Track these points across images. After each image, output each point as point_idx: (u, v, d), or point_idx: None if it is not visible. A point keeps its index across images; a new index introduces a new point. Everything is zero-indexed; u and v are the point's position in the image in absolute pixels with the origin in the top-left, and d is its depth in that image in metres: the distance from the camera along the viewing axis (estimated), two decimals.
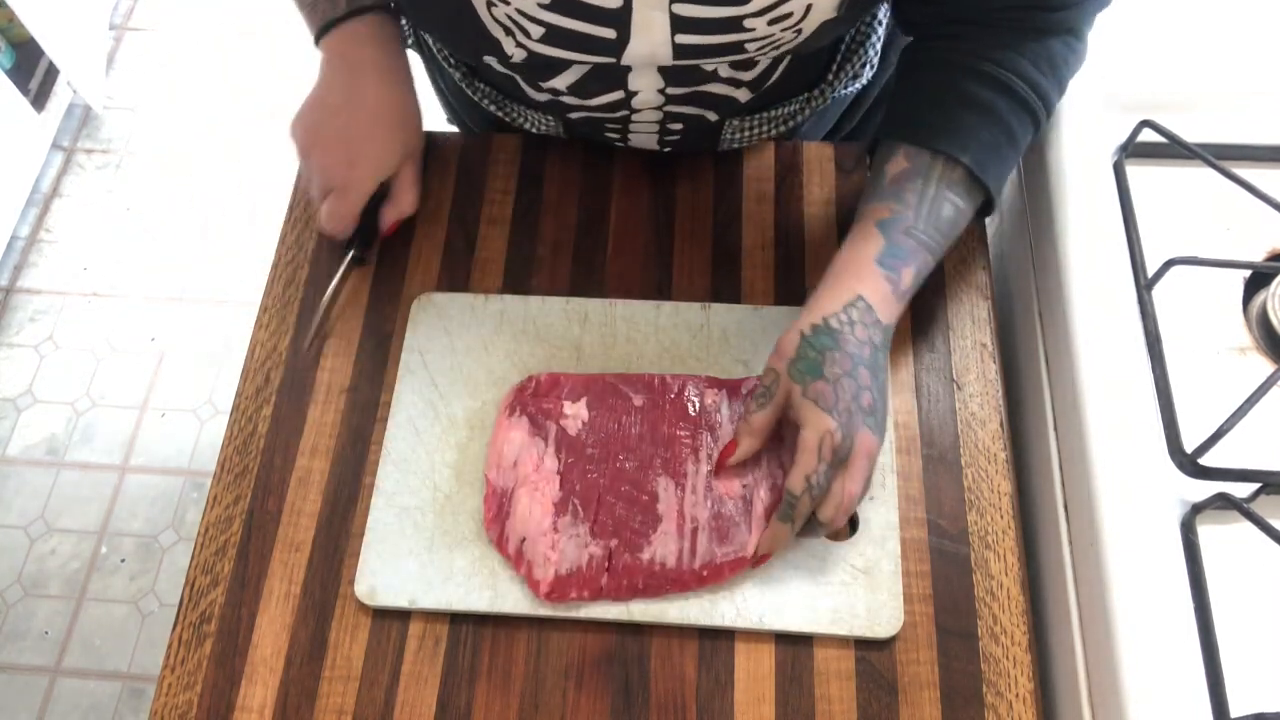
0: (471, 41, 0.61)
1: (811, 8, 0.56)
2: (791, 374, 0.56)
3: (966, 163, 0.58)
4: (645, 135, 0.71)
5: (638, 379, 0.64)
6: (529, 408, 0.63)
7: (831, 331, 0.55)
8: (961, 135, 0.58)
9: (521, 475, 0.61)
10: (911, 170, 0.59)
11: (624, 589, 0.58)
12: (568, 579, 0.58)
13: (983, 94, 0.58)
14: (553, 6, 0.55)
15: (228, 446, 0.66)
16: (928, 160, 0.59)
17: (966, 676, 0.57)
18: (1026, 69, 0.58)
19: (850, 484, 0.54)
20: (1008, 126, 0.59)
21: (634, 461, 0.61)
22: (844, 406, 0.54)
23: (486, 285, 0.71)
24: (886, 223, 0.58)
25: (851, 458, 0.54)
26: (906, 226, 0.58)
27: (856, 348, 0.55)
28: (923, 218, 0.58)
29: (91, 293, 1.74)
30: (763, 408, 0.57)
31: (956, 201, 0.59)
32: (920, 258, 0.58)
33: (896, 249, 0.57)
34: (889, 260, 0.57)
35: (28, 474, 1.58)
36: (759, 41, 0.58)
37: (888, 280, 0.57)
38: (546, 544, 0.59)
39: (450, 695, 0.58)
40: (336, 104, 0.66)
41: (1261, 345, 0.60)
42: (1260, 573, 0.54)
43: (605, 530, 0.59)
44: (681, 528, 0.59)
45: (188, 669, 0.59)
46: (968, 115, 0.59)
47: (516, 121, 0.77)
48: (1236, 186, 0.61)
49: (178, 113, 1.92)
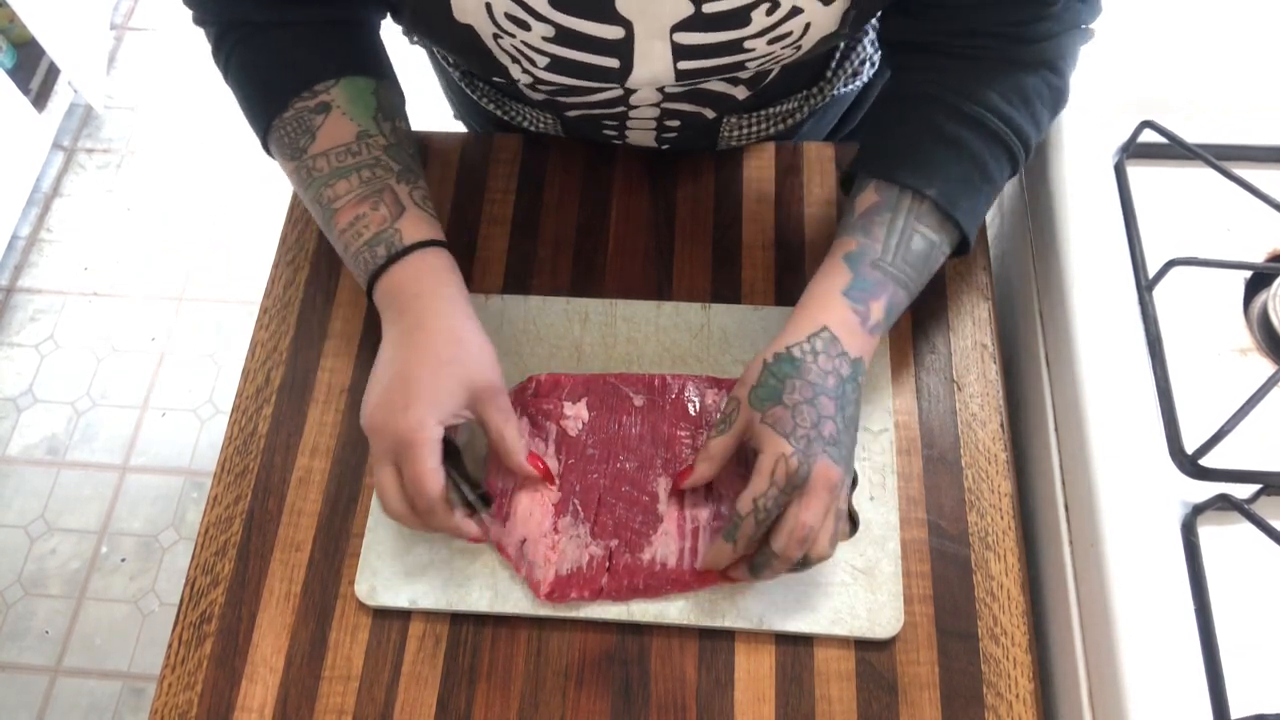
0: (479, 65, 0.62)
1: (811, 25, 0.56)
2: (751, 400, 0.55)
3: (933, 196, 0.57)
4: (643, 132, 0.71)
5: (638, 379, 0.64)
6: (529, 408, 0.63)
7: (793, 360, 0.55)
8: (928, 169, 0.58)
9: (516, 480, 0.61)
10: (880, 204, 0.58)
11: (624, 589, 0.58)
12: (568, 579, 0.58)
13: (954, 129, 0.58)
14: (557, 39, 0.56)
15: (228, 446, 0.66)
16: (896, 194, 0.58)
17: (966, 677, 0.57)
18: (1000, 105, 0.57)
19: (805, 513, 0.52)
20: (980, 162, 0.58)
21: (634, 462, 0.61)
22: (801, 433, 0.53)
23: (487, 285, 0.71)
24: (853, 255, 0.58)
25: (808, 486, 0.52)
26: (874, 260, 0.57)
27: (819, 377, 0.54)
28: (891, 250, 0.57)
29: (92, 292, 1.74)
30: (722, 434, 0.56)
31: (928, 235, 0.58)
32: (889, 291, 0.57)
33: (864, 282, 0.57)
34: (856, 293, 0.57)
35: (28, 474, 1.58)
36: (759, 59, 0.59)
37: (854, 312, 0.56)
38: (547, 544, 0.59)
39: (450, 695, 0.58)
40: (387, 360, 0.57)
41: (1262, 346, 0.60)
42: (1260, 573, 0.54)
43: (606, 530, 0.59)
44: (682, 528, 0.59)
45: (188, 669, 0.59)
46: (937, 150, 0.58)
47: (515, 120, 0.77)
48: (1237, 187, 0.61)
49: (178, 113, 1.92)
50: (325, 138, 0.60)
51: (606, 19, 0.54)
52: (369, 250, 0.59)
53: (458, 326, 0.57)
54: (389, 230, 0.59)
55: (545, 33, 0.55)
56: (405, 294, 0.58)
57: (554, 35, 0.55)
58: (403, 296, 0.58)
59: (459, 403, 0.55)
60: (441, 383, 0.55)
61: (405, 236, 0.59)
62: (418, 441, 0.53)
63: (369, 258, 0.59)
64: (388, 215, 0.60)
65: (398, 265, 0.59)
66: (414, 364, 0.56)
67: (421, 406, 0.54)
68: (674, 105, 0.66)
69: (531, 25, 0.55)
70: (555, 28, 0.55)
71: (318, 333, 0.70)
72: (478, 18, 0.56)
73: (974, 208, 0.59)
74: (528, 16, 0.54)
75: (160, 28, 2.03)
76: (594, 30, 0.55)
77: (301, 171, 0.61)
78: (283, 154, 0.62)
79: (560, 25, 0.55)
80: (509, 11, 0.54)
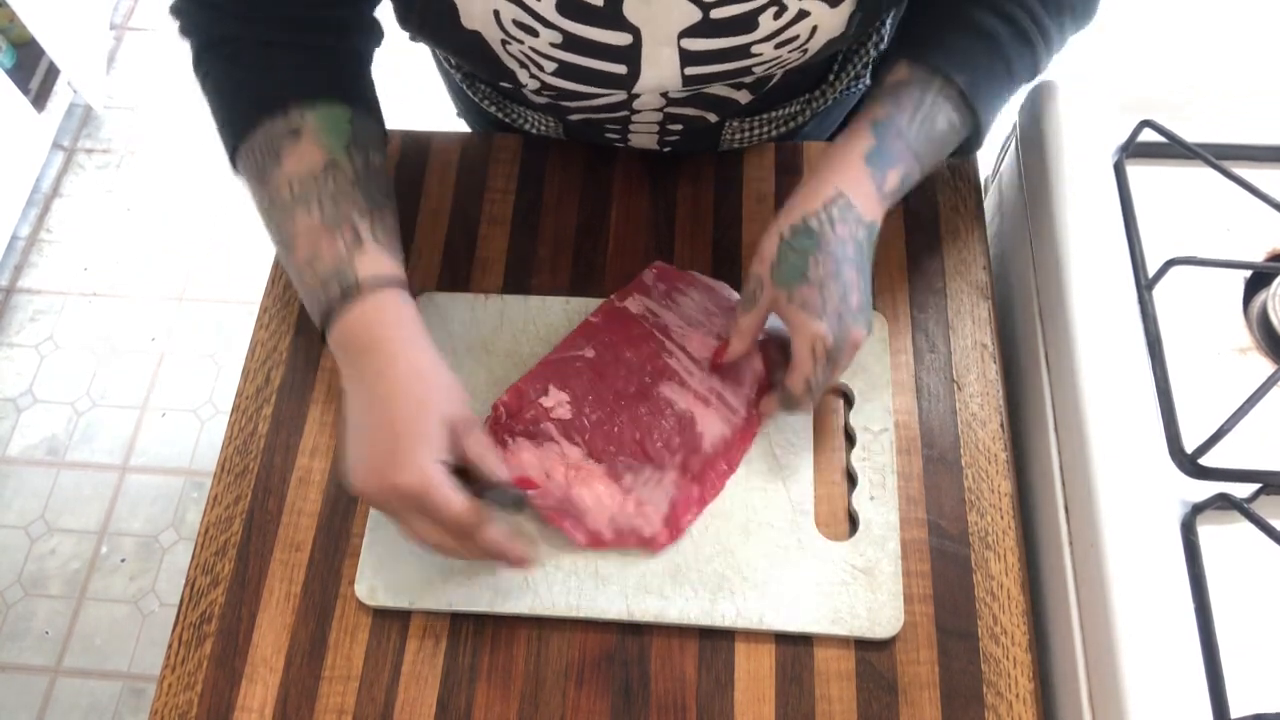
0: (486, 70, 0.62)
1: (818, 29, 0.56)
2: (776, 279, 0.56)
3: (961, 84, 0.58)
4: (645, 136, 0.71)
5: (569, 342, 0.66)
6: (514, 430, 0.63)
7: (811, 232, 0.55)
8: (960, 57, 0.58)
9: (563, 481, 0.61)
10: (910, 81, 0.59)
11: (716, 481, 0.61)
12: (674, 512, 0.60)
13: (990, 22, 0.58)
14: (565, 45, 0.56)
15: (228, 446, 0.66)
16: (926, 75, 0.58)
17: (967, 677, 0.57)
18: (1038, 10, 0.58)
19: (834, 371, 0.57)
20: (1006, 57, 0.59)
21: (633, 390, 0.63)
22: (832, 309, 0.54)
23: (487, 285, 0.71)
24: (881, 122, 0.58)
25: (841, 351, 0.56)
26: (900, 129, 0.58)
27: (839, 246, 0.55)
28: (916, 123, 0.58)
29: (92, 293, 1.74)
30: (748, 312, 0.58)
31: (951, 117, 0.59)
32: (907, 163, 0.58)
33: (886, 149, 0.57)
34: (877, 159, 0.57)
35: (28, 474, 1.58)
36: (766, 64, 0.59)
37: (871, 179, 0.57)
38: (632, 512, 0.60)
39: (450, 695, 0.58)
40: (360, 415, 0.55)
41: (1262, 345, 0.60)
42: (1260, 573, 0.54)
43: (661, 454, 0.61)
44: (709, 404, 0.62)
45: (188, 669, 0.59)
46: (971, 40, 0.58)
47: (516, 122, 0.77)
48: (1236, 186, 0.61)
49: (178, 113, 1.92)
50: (292, 163, 0.57)
51: (614, 25, 0.54)
52: (323, 290, 0.56)
53: (422, 365, 0.55)
54: (344, 268, 0.56)
55: (553, 39, 0.55)
56: (361, 339, 0.55)
57: (562, 41, 0.55)
58: (359, 341, 0.55)
59: (444, 440, 0.53)
60: (424, 425, 0.53)
61: (360, 274, 0.56)
62: (431, 486, 0.51)
63: (323, 297, 0.56)
64: (344, 253, 0.56)
65: (353, 307, 0.55)
66: (390, 413, 0.53)
67: (418, 454, 0.52)
68: (677, 109, 0.66)
69: (540, 32, 0.55)
70: (563, 34, 0.55)
71: (318, 333, 0.69)
72: (486, 25, 0.56)
73: (994, 102, 0.60)
74: (536, 23, 0.54)
75: (160, 28, 2.03)
76: (602, 37, 0.55)
77: (263, 196, 0.59)
78: (248, 175, 0.60)
79: (568, 32, 0.54)
80: (517, 18, 0.54)
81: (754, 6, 0.53)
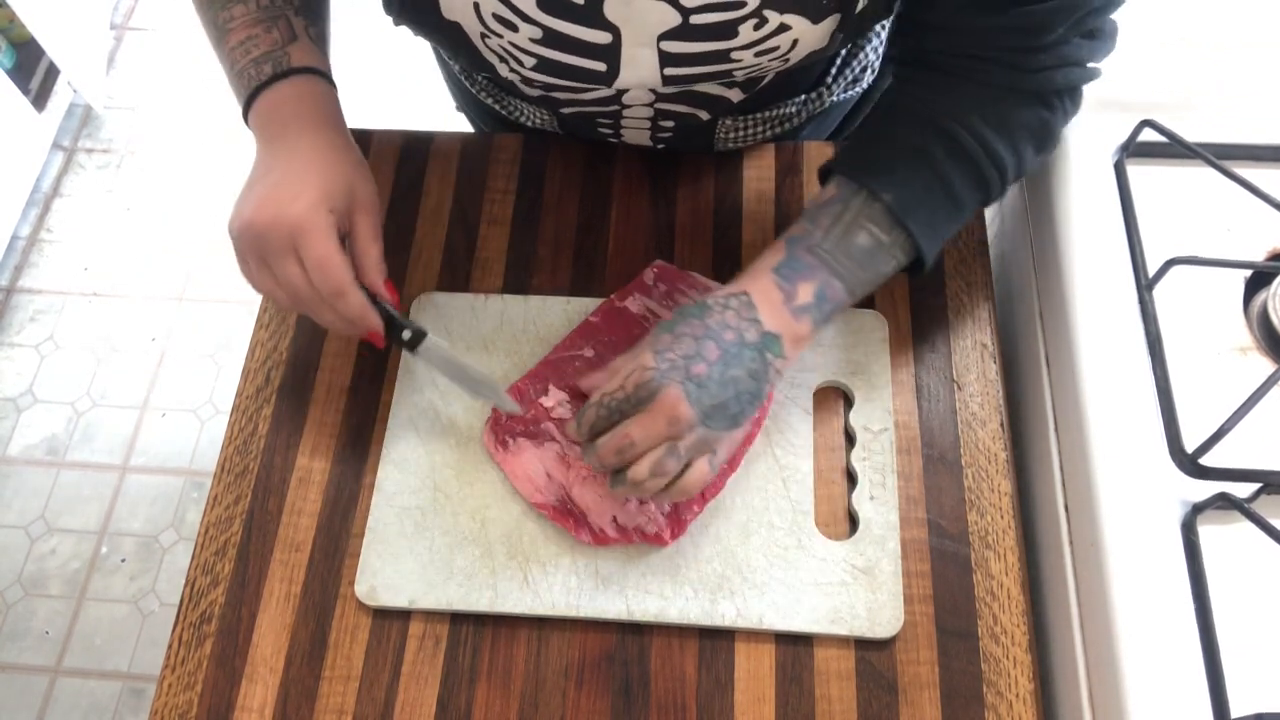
0: (468, 61, 0.62)
1: (799, 42, 0.56)
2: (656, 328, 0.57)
3: (888, 200, 0.56)
4: (637, 131, 0.71)
5: (569, 342, 0.66)
6: (516, 431, 0.63)
7: (704, 306, 0.56)
8: (890, 174, 0.57)
9: (564, 481, 0.61)
10: (835, 197, 0.58)
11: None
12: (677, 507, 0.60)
13: (925, 142, 0.57)
14: (544, 41, 0.56)
15: (228, 446, 0.66)
16: (851, 191, 0.57)
17: (966, 676, 0.57)
18: (979, 126, 0.56)
19: (634, 427, 0.52)
20: (945, 178, 0.57)
21: None
22: (669, 356, 0.53)
23: (486, 285, 0.71)
24: (794, 238, 0.58)
25: (651, 405, 0.52)
26: (811, 245, 0.57)
27: (718, 326, 0.55)
28: (831, 239, 0.57)
29: (92, 293, 1.74)
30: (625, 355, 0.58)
31: (875, 233, 0.57)
32: (820, 277, 0.56)
33: (795, 262, 0.57)
34: (785, 271, 0.56)
35: (28, 474, 1.58)
36: (746, 69, 0.59)
37: (779, 289, 0.56)
38: (633, 503, 0.60)
39: (450, 695, 0.58)
40: (262, 171, 0.57)
41: (1262, 345, 0.60)
42: (1260, 573, 0.54)
43: None
44: None
45: (188, 669, 0.59)
46: (904, 158, 0.57)
47: (513, 115, 0.77)
48: (1237, 186, 0.61)
49: (178, 113, 1.92)
50: None
51: (594, 23, 0.54)
52: (254, 67, 0.59)
53: (338, 142, 0.58)
54: (278, 52, 0.59)
55: (533, 34, 0.55)
56: (284, 113, 0.58)
57: (541, 37, 0.55)
58: (281, 116, 0.58)
59: (346, 201, 0.56)
60: (330, 179, 0.55)
61: (293, 60, 0.59)
62: (317, 226, 0.53)
63: (254, 74, 0.59)
64: (279, 39, 0.60)
65: (281, 84, 0.58)
66: (298, 165, 0.56)
67: (313, 195, 0.54)
68: (667, 106, 0.66)
69: (519, 27, 0.55)
70: (543, 30, 0.55)
71: (318, 333, 0.70)
72: (465, 17, 0.56)
73: (932, 222, 0.57)
74: (515, 18, 0.54)
75: (160, 28, 2.03)
76: (581, 34, 0.55)
77: None
78: None
79: (548, 28, 0.54)
80: (497, 12, 0.54)
81: (734, 16, 0.53)
